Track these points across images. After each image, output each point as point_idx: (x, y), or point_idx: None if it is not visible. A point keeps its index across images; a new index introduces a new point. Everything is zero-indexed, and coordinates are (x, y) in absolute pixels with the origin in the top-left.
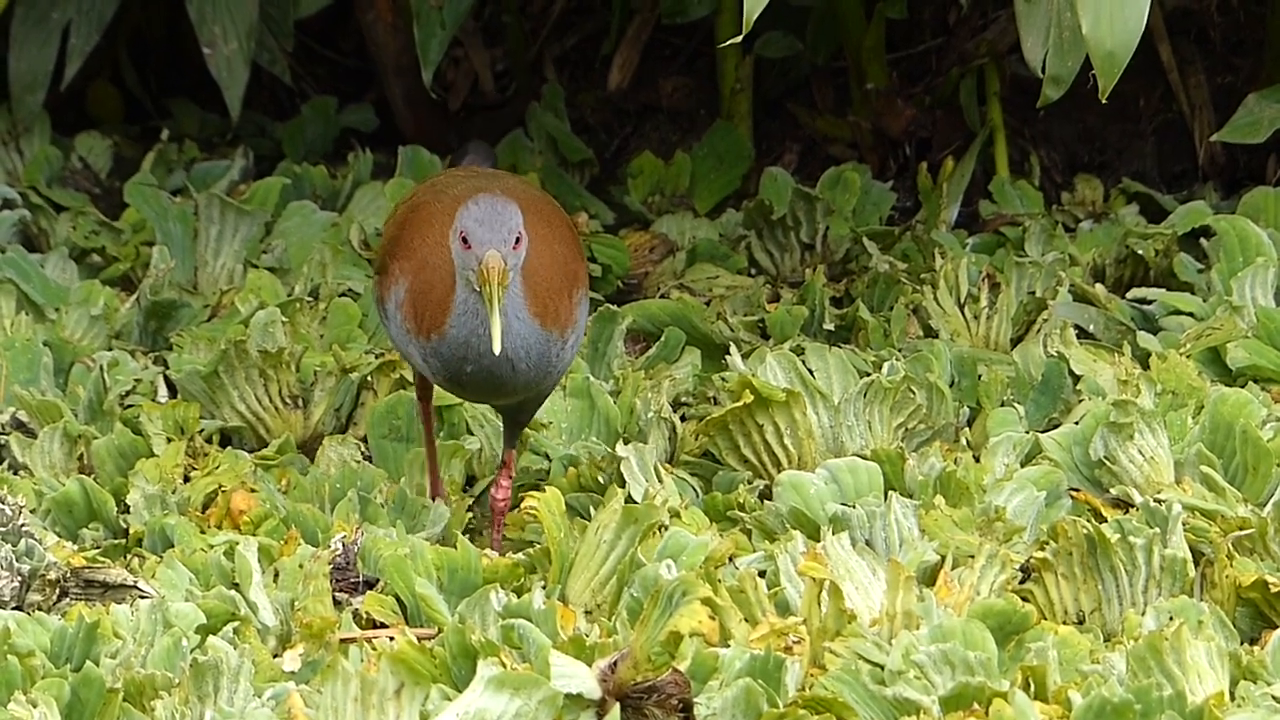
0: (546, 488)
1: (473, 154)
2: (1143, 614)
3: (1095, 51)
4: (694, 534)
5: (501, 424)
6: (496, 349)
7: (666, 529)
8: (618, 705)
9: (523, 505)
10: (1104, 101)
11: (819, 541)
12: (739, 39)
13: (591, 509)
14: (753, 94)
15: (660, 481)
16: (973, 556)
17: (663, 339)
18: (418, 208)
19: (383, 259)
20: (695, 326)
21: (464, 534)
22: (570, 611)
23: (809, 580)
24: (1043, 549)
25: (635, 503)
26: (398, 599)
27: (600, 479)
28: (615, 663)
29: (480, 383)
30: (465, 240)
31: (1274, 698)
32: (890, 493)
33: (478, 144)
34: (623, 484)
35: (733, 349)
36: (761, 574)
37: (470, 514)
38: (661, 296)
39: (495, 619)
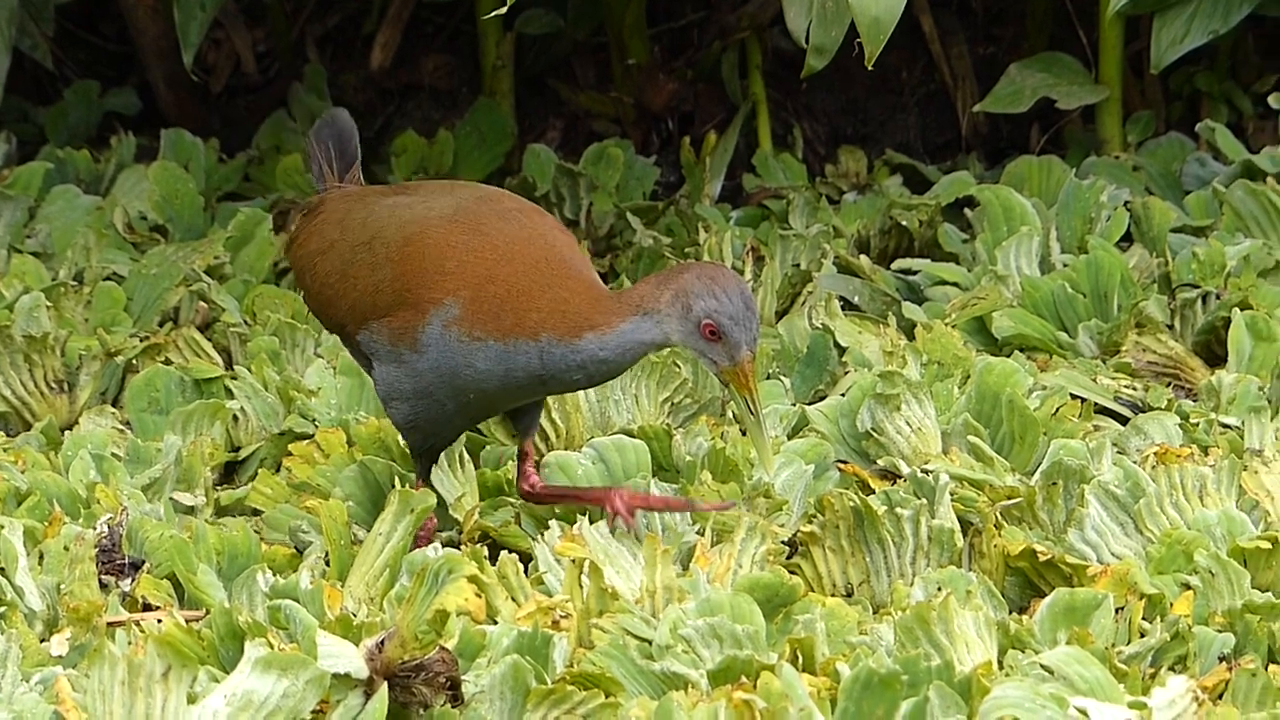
0: (333, 499)
1: (330, 122)
2: (911, 585)
3: (860, 18)
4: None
5: (513, 423)
6: (770, 467)
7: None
8: (385, 684)
9: (305, 504)
10: (870, 69)
11: (580, 520)
12: (502, 11)
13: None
14: (514, 71)
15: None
16: (730, 530)
17: None
18: (415, 239)
19: (397, 296)
20: None
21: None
22: (337, 591)
23: (569, 562)
24: (810, 522)
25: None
26: (173, 581)
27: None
28: (382, 642)
29: (565, 381)
30: (715, 334)
31: (1042, 666)
32: (653, 479)
33: (337, 112)
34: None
35: None
36: (525, 560)
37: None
38: None
39: (263, 600)
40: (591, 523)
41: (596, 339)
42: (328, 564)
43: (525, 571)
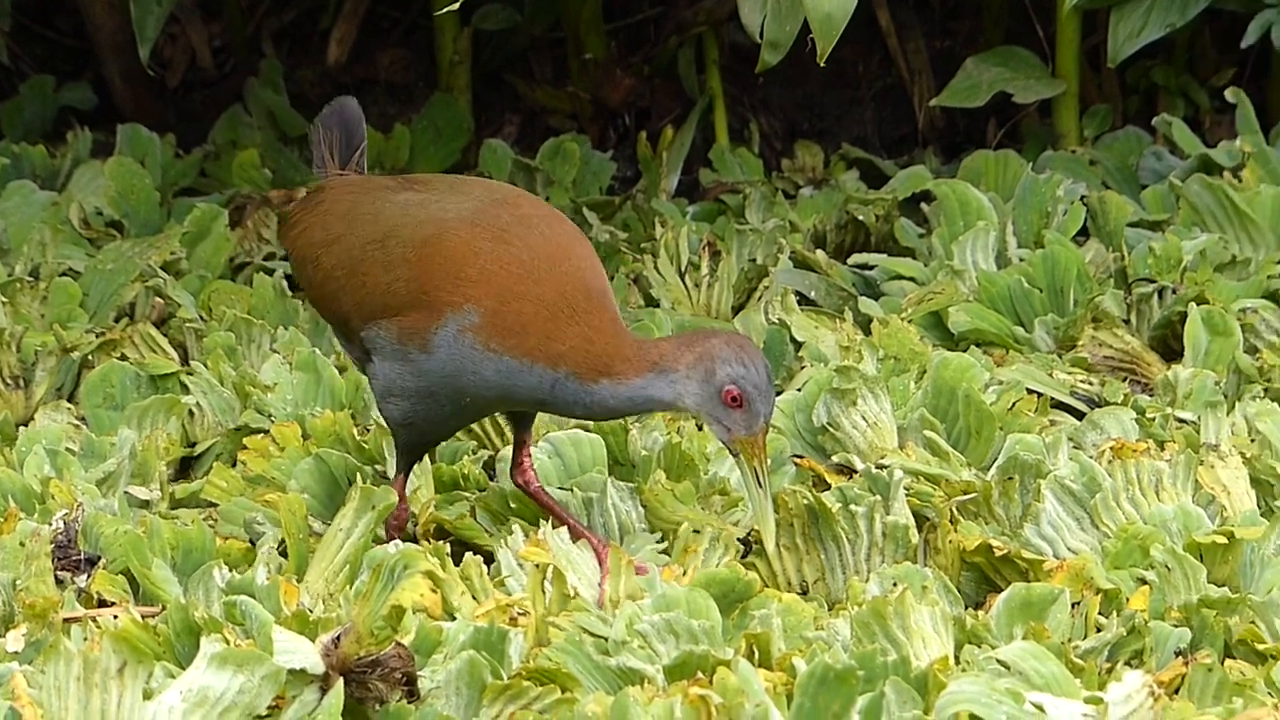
0: (289, 492)
1: (338, 110)
2: (866, 581)
3: (813, 14)
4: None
5: (511, 422)
6: (770, 541)
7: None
8: (341, 680)
9: (263, 497)
10: (823, 65)
11: (543, 524)
12: (456, 6)
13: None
14: (471, 66)
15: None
16: (698, 532)
17: None
18: (434, 241)
19: (412, 297)
20: None
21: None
22: (294, 587)
23: (532, 566)
24: None
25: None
26: (129, 576)
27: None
28: (338, 637)
29: (563, 410)
30: (737, 401)
31: (998, 661)
32: (609, 478)
33: (344, 100)
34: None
35: None
36: (488, 561)
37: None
38: None
39: (219, 595)
40: (555, 527)
41: (610, 387)
42: (284, 557)
43: (486, 572)
